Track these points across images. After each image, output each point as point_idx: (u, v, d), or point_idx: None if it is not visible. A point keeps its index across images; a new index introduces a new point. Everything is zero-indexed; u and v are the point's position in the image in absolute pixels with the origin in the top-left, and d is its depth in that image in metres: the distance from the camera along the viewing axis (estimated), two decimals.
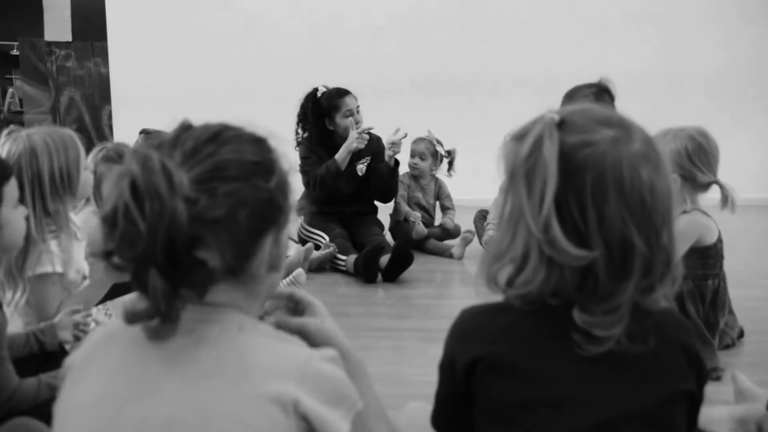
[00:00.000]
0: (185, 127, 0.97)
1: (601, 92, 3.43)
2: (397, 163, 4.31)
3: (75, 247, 2.20)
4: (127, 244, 0.86)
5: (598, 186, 0.98)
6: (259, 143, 1.00)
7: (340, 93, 4.23)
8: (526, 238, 1.01)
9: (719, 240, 2.56)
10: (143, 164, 0.87)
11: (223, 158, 0.93)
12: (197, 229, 0.88)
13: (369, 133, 4.23)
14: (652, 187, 1.00)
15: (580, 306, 1.00)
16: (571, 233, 0.99)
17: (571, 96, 3.46)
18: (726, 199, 2.45)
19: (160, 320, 0.91)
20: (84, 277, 2.30)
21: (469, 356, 1.07)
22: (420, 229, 4.40)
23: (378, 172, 4.32)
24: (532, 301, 1.04)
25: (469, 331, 1.10)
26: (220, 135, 0.96)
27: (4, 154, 2.11)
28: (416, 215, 4.45)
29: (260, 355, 0.94)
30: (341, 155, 4.13)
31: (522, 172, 1.02)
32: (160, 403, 0.91)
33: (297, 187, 3.84)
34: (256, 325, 0.98)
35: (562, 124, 1.02)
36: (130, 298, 0.92)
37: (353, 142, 4.10)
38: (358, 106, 4.24)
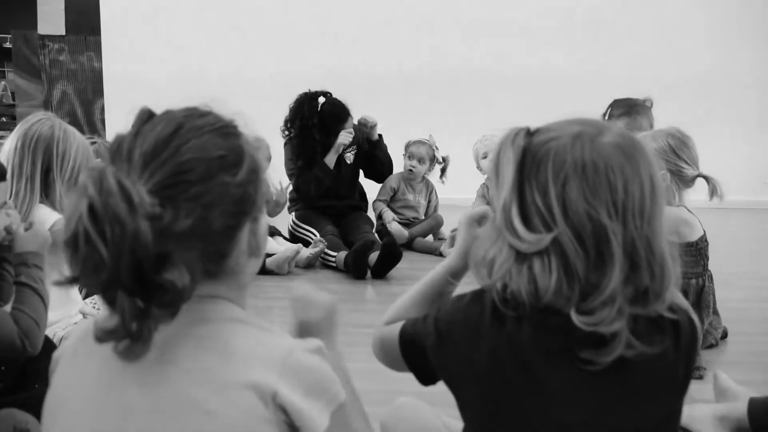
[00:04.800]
0: (144, 119, 0.94)
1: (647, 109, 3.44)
2: (379, 136, 4.43)
3: None
4: (90, 270, 0.83)
5: (558, 172, 0.99)
6: (224, 130, 0.96)
7: (341, 118, 4.27)
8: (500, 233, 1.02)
9: (702, 239, 2.56)
10: (99, 186, 0.83)
11: (184, 159, 0.89)
12: (165, 245, 0.85)
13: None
14: (623, 172, 0.98)
15: (576, 308, 0.98)
16: (538, 225, 0.99)
17: (620, 105, 3.41)
18: (714, 190, 2.45)
19: (130, 341, 0.86)
20: None
21: (450, 370, 1.08)
22: (396, 230, 4.41)
23: (363, 151, 4.47)
24: (519, 304, 1.01)
25: (454, 340, 1.08)
26: (181, 128, 0.92)
27: (36, 130, 2.21)
28: (389, 216, 4.47)
29: (243, 344, 0.94)
30: (330, 157, 4.27)
31: (492, 174, 1.05)
32: (143, 390, 0.91)
33: (276, 180, 3.74)
34: (240, 315, 0.98)
35: (537, 131, 1.04)
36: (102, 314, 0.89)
37: (339, 143, 4.25)
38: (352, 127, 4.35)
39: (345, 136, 4.23)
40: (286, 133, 4.36)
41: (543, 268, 0.99)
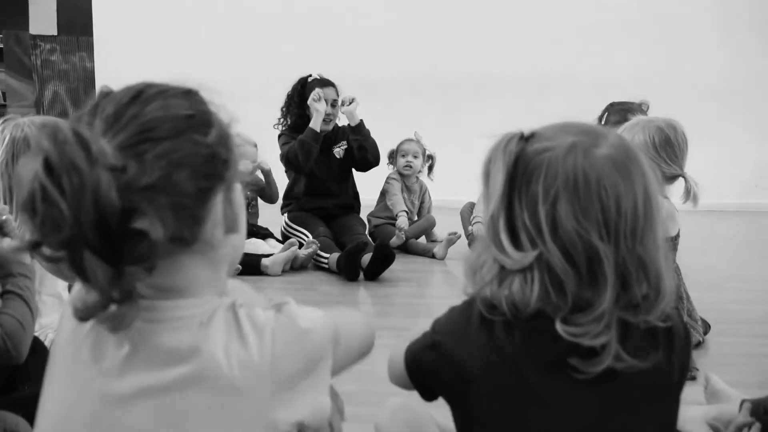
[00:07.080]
0: (104, 94, 0.88)
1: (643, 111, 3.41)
2: (360, 121, 4.38)
3: None
4: (50, 229, 0.76)
5: (549, 188, 0.96)
6: (189, 96, 0.90)
7: (323, 83, 4.34)
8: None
9: (678, 235, 2.54)
10: (54, 137, 0.76)
11: (149, 117, 0.84)
12: (130, 199, 0.78)
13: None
14: (616, 189, 0.96)
15: (561, 318, 0.97)
16: (525, 242, 0.98)
17: (617, 110, 3.36)
18: (689, 193, 2.41)
19: (117, 305, 0.82)
20: None
21: (445, 380, 1.07)
22: (397, 240, 4.40)
23: (350, 143, 4.44)
24: (504, 312, 1.00)
25: (447, 349, 1.07)
26: (142, 93, 0.87)
27: (6, 139, 2.10)
28: (404, 221, 4.47)
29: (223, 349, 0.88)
30: (313, 122, 4.23)
31: (484, 179, 1.04)
32: (131, 406, 0.87)
33: (275, 180, 3.73)
34: (216, 314, 0.90)
35: (532, 136, 1.02)
36: (78, 292, 0.83)
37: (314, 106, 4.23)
38: (335, 100, 4.33)
39: (314, 100, 4.22)
40: (280, 119, 4.41)
41: (524, 284, 0.98)
